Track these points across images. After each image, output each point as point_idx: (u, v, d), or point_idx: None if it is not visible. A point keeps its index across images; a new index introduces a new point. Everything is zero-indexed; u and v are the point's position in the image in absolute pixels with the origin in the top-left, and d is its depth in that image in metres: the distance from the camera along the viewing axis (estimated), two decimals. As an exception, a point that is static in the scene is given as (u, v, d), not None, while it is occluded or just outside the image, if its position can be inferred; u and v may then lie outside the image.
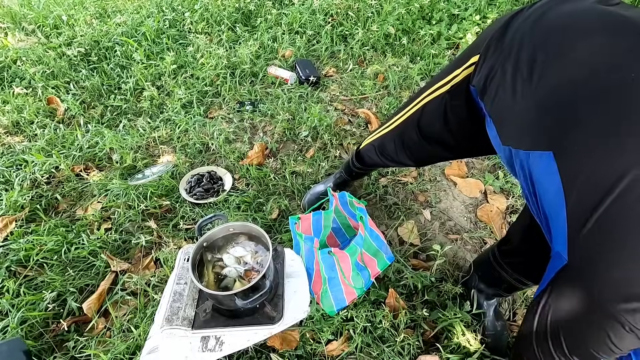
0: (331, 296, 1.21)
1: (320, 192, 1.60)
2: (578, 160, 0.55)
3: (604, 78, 0.56)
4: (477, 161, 1.87)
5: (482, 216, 1.62)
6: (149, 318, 1.25)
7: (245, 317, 1.06)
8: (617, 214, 0.51)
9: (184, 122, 2.03)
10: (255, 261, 1.08)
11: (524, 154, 0.65)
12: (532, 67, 0.65)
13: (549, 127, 0.60)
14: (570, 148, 0.56)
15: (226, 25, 2.66)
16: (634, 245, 0.50)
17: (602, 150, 0.53)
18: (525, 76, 0.65)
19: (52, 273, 1.40)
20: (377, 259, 1.31)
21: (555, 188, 0.58)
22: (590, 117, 0.55)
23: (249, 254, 1.10)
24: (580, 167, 0.55)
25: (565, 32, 0.64)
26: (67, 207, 1.70)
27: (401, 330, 1.21)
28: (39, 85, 2.23)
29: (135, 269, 1.45)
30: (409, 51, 2.51)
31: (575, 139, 0.56)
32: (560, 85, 0.60)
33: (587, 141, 0.55)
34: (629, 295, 0.51)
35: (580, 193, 0.55)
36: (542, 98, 0.62)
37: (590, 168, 0.54)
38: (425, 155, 1.13)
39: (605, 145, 0.53)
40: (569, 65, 0.60)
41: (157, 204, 1.65)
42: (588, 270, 0.55)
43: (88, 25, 2.69)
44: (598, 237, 0.53)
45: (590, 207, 0.53)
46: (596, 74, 0.56)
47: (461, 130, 0.95)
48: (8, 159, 1.87)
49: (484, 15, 2.63)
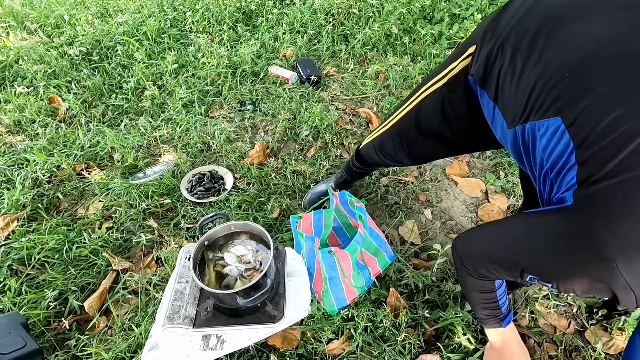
0: (332, 295, 1.21)
1: (322, 192, 1.60)
2: (589, 121, 0.57)
3: (609, 50, 0.58)
4: (478, 160, 1.87)
5: (483, 216, 1.62)
6: (150, 317, 1.25)
7: (246, 316, 1.06)
8: (629, 169, 0.52)
9: (185, 121, 2.04)
10: (256, 260, 1.08)
11: (531, 125, 0.66)
12: (531, 47, 0.67)
13: (556, 96, 0.61)
14: (580, 112, 0.58)
15: (227, 24, 2.66)
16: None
17: (615, 112, 0.54)
18: (525, 56, 0.67)
19: (53, 272, 1.40)
20: (377, 257, 1.31)
21: (563, 147, 0.60)
22: (599, 85, 0.57)
23: (250, 253, 1.11)
24: (590, 127, 0.56)
25: (563, 11, 0.66)
26: (68, 206, 1.70)
27: (402, 330, 1.21)
28: (40, 85, 2.24)
29: (136, 268, 1.45)
30: (410, 51, 2.51)
31: (586, 105, 0.57)
32: (563, 59, 0.62)
33: (597, 105, 0.57)
34: (626, 242, 0.52)
35: (591, 150, 0.56)
36: (545, 73, 0.63)
37: (601, 127, 0.55)
38: (425, 153, 1.13)
39: (617, 107, 0.54)
40: (569, 41, 0.62)
41: (158, 203, 1.65)
42: (593, 213, 0.56)
43: (89, 25, 2.69)
44: (608, 189, 0.54)
45: (604, 161, 0.54)
46: (601, 47, 0.59)
47: (460, 125, 0.95)
48: (10, 158, 1.88)
49: (485, 14, 2.63)
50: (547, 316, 1.28)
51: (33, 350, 0.74)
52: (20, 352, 0.73)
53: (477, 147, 0.99)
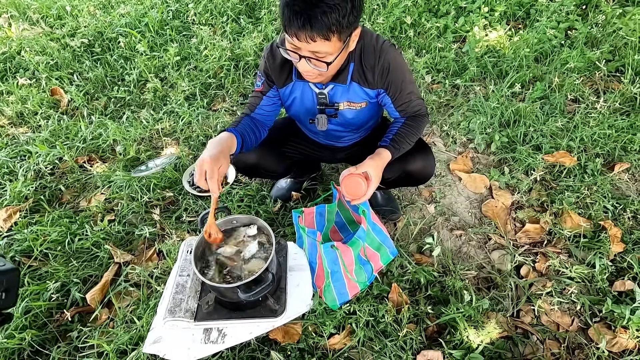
0: (334, 290, 1.20)
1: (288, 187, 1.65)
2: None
3: None
4: (483, 156, 1.85)
5: (486, 212, 1.60)
6: (151, 309, 1.25)
7: (247, 310, 1.06)
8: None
9: (187, 114, 2.02)
10: (259, 253, 1.07)
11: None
12: None
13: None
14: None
15: (230, 16, 2.64)
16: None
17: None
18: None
19: (56, 263, 1.40)
20: (380, 253, 1.30)
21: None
22: None
23: (253, 246, 1.10)
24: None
25: None
26: (70, 198, 1.70)
27: (404, 325, 1.20)
28: (42, 76, 2.23)
29: (138, 261, 1.45)
30: (415, 44, 2.48)
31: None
32: None
33: None
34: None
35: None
36: None
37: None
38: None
39: None
40: None
41: (161, 196, 1.65)
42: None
43: (91, 16, 2.68)
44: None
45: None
46: None
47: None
48: (12, 150, 1.88)
49: (491, 7, 2.58)
50: (551, 313, 1.27)
51: (11, 267, 0.85)
52: (1, 269, 0.84)
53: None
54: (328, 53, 0.91)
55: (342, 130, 1.28)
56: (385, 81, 1.11)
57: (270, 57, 1.13)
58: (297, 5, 0.83)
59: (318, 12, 0.83)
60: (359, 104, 1.17)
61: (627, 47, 2.20)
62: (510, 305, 1.31)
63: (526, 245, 1.48)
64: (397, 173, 1.24)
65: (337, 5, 0.83)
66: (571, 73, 2.09)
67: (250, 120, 1.19)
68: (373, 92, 1.14)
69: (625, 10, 2.41)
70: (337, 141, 1.38)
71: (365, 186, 1.05)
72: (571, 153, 1.75)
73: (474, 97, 2.08)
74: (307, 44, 0.88)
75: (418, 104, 1.18)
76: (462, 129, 1.94)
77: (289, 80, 1.14)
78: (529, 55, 2.21)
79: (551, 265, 1.38)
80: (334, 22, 0.84)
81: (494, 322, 1.22)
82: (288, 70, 1.13)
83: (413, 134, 1.17)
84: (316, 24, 0.84)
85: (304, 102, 1.19)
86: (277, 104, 1.23)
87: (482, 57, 2.29)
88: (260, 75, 1.18)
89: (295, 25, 0.84)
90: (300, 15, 0.83)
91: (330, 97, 1.15)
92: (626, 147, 1.77)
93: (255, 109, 1.21)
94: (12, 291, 0.89)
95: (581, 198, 1.58)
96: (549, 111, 1.95)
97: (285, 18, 0.86)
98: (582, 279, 1.34)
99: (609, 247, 1.38)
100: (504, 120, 1.92)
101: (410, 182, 1.33)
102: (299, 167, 1.58)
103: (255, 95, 1.21)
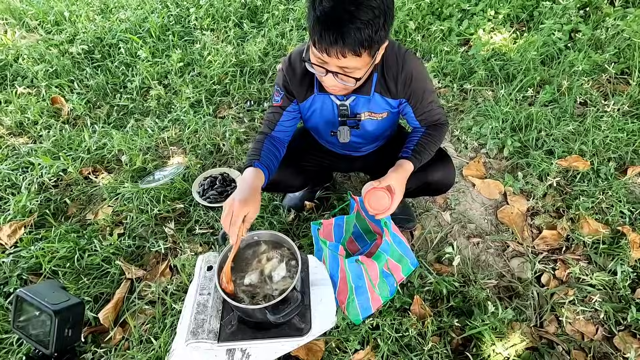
0: (357, 304, 1.17)
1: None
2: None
3: None
4: (495, 161, 1.84)
5: (502, 218, 1.59)
6: (169, 328, 1.21)
7: (272, 329, 1.02)
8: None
9: (193, 122, 1.98)
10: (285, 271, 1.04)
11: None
12: None
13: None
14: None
15: (232, 21, 2.60)
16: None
17: None
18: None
19: (65, 281, 1.36)
20: (401, 264, 1.27)
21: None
22: None
23: (277, 265, 1.06)
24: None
25: None
26: (76, 212, 1.65)
27: (428, 339, 1.18)
28: (42, 85, 2.17)
29: (151, 276, 1.41)
30: (421, 48, 2.46)
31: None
32: None
33: None
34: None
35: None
36: None
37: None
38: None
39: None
40: None
41: (171, 208, 1.61)
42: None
43: (90, 22, 2.62)
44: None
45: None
46: None
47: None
48: (13, 162, 1.82)
49: (495, 10, 2.58)
50: (575, 322, 1.25)
51: (77, 302, 0.94)
52: (67, 304, 0.92)
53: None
54: (356, 68, 0.89)
55: (362, 141, 1.25)
56: (408, 91, 1.08)
57: (290, 70, 1.10)
58: (329, 21, 0.80)
59: (352, 29, 0.80)
60: (380, 114, 1.14)
61: (631, 49, 2.21)
62: (533, 314, 1.29)
63: (545, 252, 1.47)
64: (417, 183, 1.22)
65: (371, 21, 0.80)
66: (578, 76, 2.09)
67: (271, 143, 1.14)
68: (395, 102, 1.12)
69: (627, 11, 2.42)
70: (354, 151, 1.35)
71: (389, 199, 1.02)
72: (584, 157, 1.74)
73: (483, 102, 2.07)
74: (337, 60, 0.85)
75: (438, 112, 1.16)
76: (473, 133, 1.93)
77: (310, 93, 1.11)
78: (535, 58, 2.20)
79: (572, 272, 1.36)
80: (366, 38, 0.81)
81: (519, 333, 1.20)
82: (308, 83, 1.10)
83: (434, 143, 1.15)
84: (348, 40, 0.81)
85: (323, 114, 1.16)
86: (296, 118, 1.20)
87: (488, 60, 2.28)
88: (279, 89, 1.15)
89: (327, 41, 0.81)
90: (332, 31, 0.80)
91: (351, 108, 1.12)
92: (637, 150, 1.77)
93: (275, 126, 1.16)
94: (78, 327, 0.95)
95: (596, 203, 1.57)
96: (559, 115, 1.94)
97: (316, 33, 0.83)
98: (604, 286, 1.33)
99: (629, 253, 1.38)
100: (516, 125, 1.91)
101: (430, 192, 1.31)
102: (314, 177, 1.55)
103: (274, 111, 1.16)
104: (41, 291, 0.96)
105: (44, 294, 0.95)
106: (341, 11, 0.79)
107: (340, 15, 0.79)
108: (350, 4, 0.79)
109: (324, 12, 0.81)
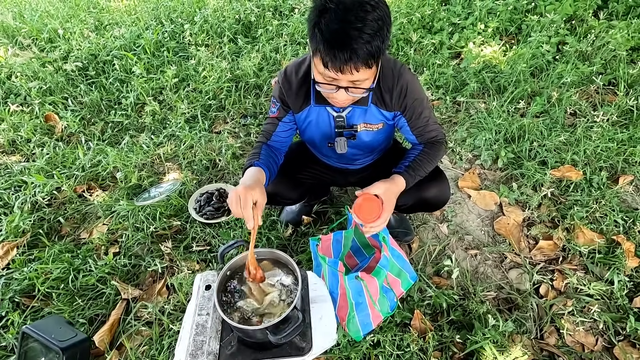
0: (358, 321, 1.16)
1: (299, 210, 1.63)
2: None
3: None
4: (490, 172, 1.86)
5: (499, 229, 1.60)
6: (166, 350, 1.19)
7: (273, 349, 1.01)
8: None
9: (189, 137, 1.98)
10: (285, 291, 1.03)
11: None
12: None
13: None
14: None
15: (227, 36, 2.62)
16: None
17: None
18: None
19: (59, 303, 1.33)
20: (400, 279, 1.27)
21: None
22: None
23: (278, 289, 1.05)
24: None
25: None
26: (70, 231, 1.63)
27: (430, 354, 1.17)
28: (35, 102, 2.16)
29: (147, 296, 1.39)
30: (413, 61, 2.50)
31: None
32: None
33: None
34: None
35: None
36: None
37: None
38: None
39: None
40: None
41: (167, 225, 1.59)
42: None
43: (85, 39, 2.62)
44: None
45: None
46: None
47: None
48: (6, 180, 1.80)
49: (485, 23, 2.64)
50: (575, 333, 1.25)
51: (84, 338, 0.97)
52: (75, 340, 0.94)
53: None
54: (366, 79, 0.91)
55: (358, 152, 1.26)
56: (403, 103, 1.10)
57: (286, 83, 1.11)
58: (339, 41, 0.82)
59: (362, 44, 0.82)
60: (376, 125, 1.16)
61: (616, 60, 2.27)
62: (533, 326, 1.29)
63: (542, 262, 1.47)
64: (411, 200, 1.23)
65: (378, 32, 0.83)
66: (567, 87, 2.14)
67: (268, 149, 1.16)
68: (390, 114, 1.13)
69: (611, 24, 2.49)
70: (350, 163, 1.36)
71: (378, 209, 1.03)
72: (576, 167, 1.77)
73: (476, 113, 2.10)
74: (350, 75, 0.87)
75: (434, 129, 1.17)
76: (467, 145, 1.95)
77: (306, 105, 1.12)
78: (525, 70, 2.25)
79: (569, 282, 1.37)
80: (376, 49, 0.84)
81: (520, 345, 1.20)
82: (304, 95, 1.11)
83: (429, 162, 1.16)
84: (361, 55, 0.83)
85: (319, 125, 1.17)
86: (292, 129, 1.21)
87: (479, 72, 2.33)
88: (275, 101, 1.16)
89: (341, 59, 0.83)
90: (345, 50, 0.82)
91: (347, 120, 1.13)
92: (628, 160, 1.80)
93: (272, 136, 1.18)
94: None
95: (590, 212, 1.59)
96: (551, 125, 1.98)
97: (328, 56, 0.84)
98: (602, 295, 1.34)
99: (624, 262, 1.39)
100: (509, 136, 1.94)
101: (425, 208, 1.32)
102: (311, 191, 1.55)
103: (270, 122, 1.18)
104: (47, 327, 0.97)
105: (51, 330, 0.96)
106: (349, 29, 0.81)
107: (349, 34, 0.81)
108: (356, 21, 0.81)
109: (332, 33, 0.82)
